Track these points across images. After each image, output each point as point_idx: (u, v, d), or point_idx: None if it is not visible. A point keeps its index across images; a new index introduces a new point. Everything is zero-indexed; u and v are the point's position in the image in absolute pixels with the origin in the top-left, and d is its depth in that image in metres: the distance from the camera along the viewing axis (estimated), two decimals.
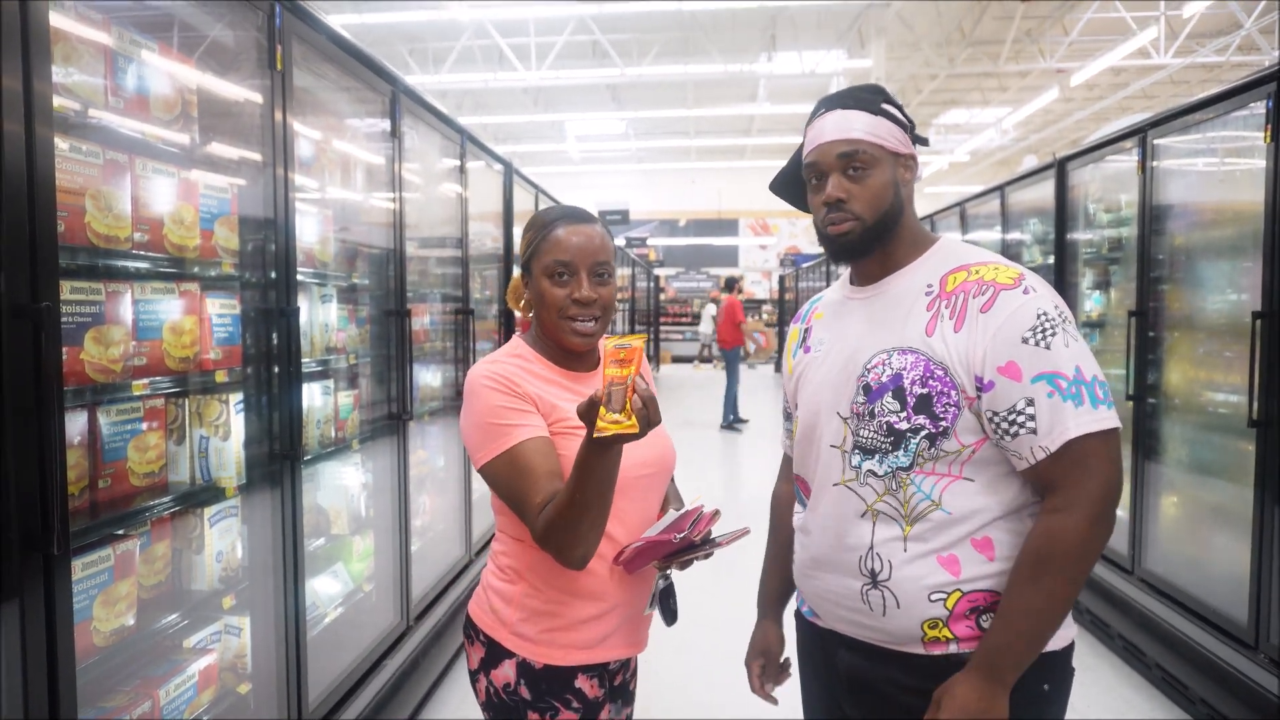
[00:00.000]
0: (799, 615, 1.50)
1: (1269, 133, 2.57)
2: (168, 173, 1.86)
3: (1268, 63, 2.67)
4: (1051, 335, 1.19)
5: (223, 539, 2.04)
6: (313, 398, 2.50)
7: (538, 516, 1.26)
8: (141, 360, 1.80)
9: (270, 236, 2.10)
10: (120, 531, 1.73)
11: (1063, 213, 4.27)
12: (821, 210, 1.32)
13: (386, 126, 2.90)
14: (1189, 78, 13.96)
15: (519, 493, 1.29)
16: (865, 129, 1.28)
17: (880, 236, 1.31)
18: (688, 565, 1.42)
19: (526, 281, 1.47)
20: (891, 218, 1.30)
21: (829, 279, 11.59)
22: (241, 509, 2.11)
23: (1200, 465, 3.23)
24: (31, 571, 1.27)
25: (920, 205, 2.30)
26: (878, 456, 1.27)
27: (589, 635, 1.40)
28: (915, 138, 1.36)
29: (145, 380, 1.79)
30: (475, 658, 1.44)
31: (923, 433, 1.23)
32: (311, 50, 2.30)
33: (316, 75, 2.51)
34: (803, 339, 1.49)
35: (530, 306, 1.47)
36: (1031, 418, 1.17)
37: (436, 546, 3.54)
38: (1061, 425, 1.16)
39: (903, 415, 1.24)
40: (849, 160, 1.28)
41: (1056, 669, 1.26)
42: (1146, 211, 3.41)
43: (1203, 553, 3.12)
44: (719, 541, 1.39)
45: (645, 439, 1.16)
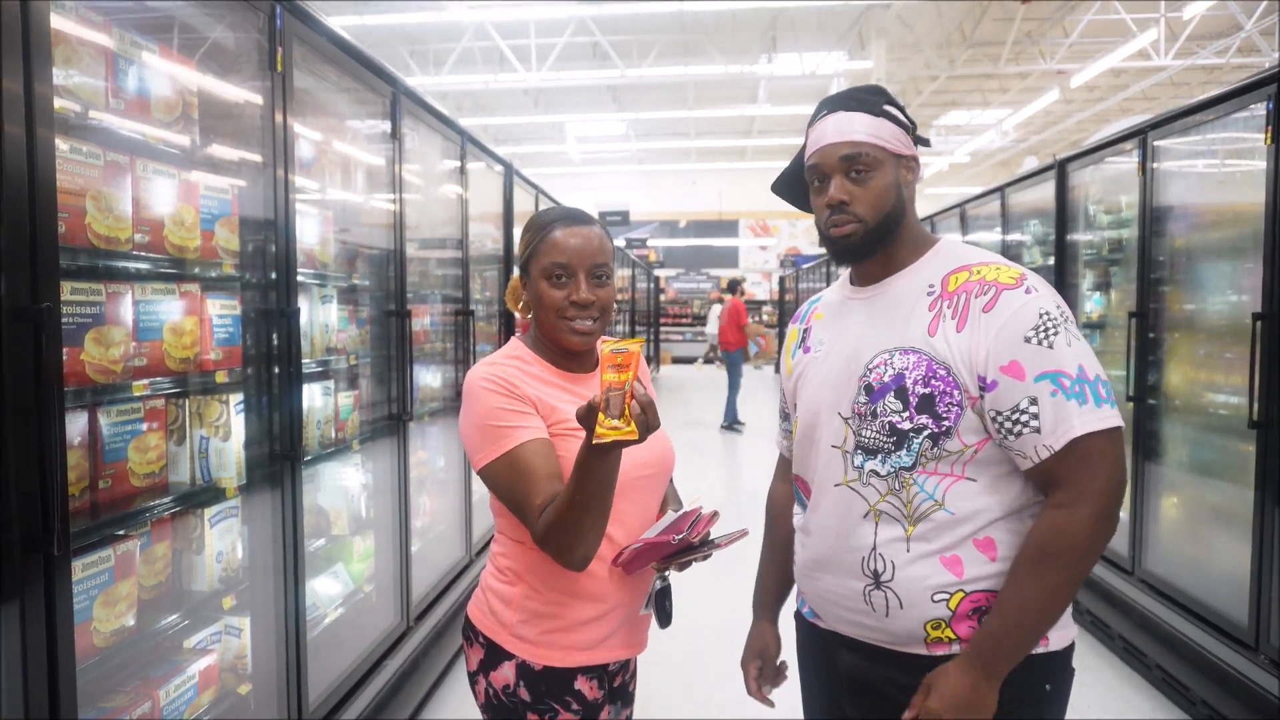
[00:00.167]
0: (799, 616, 1.50)
1: (1269, 134, 2.57)
2: (168, 174, 1.86)
3: (1268, 64, 2.67)
4: (1054, 334, 1.19)
5: (223, 539, 2.05)
6: (313, 398, 2.50)
7: (538, 518, 1.26)
8: (142, 361, 1.80)
9: (271, 237, 2.10)
10: (120, 532, 1.73)
11: (1063, 214, 4.27)
12: (824, 212, 1.32)
13: (387, 128, 2.90)
14: (1189, 79, 13.97)
15: (519, 494, 1.29)
16: (867, 131, 1.28)
17: (882, 238, 1.31)
18: (686, 567, 1.42)
19: (525, 283, 1.46)
20: (894, 219, 1.31)
21: (829, 280, 11.58)
22: (242, 509, 2.11)
23: (1200, 466, 3.23)
24: (32, 572, 1.27)
25: (920, 206, 2.30)
26: (880, 457, 1.27)
27: (589, 637, 1.39)
28: (917, 139, 1.36)
29: (146, 381, 1.79)
30: (474, 660, 1.44)
31: (925, 432, 1.23)
32: (312, 52, 2.31)
33: (317, 77, 2.51)
34: (802, 339, 1.48)
35: (529, 308, 1.47)
36: (1035, 416, 1.17)
37: (437, 547, 3.54)
38: (1066, 424, 1.16)
39: (905, 415, 1.24)
40: (851, 162, 1.28)
41: (1057, 669, 1.26)
42: (1147, 213, 3.41)
43: (1203, 554, 3.12)
44: (718, 543, 1.38)
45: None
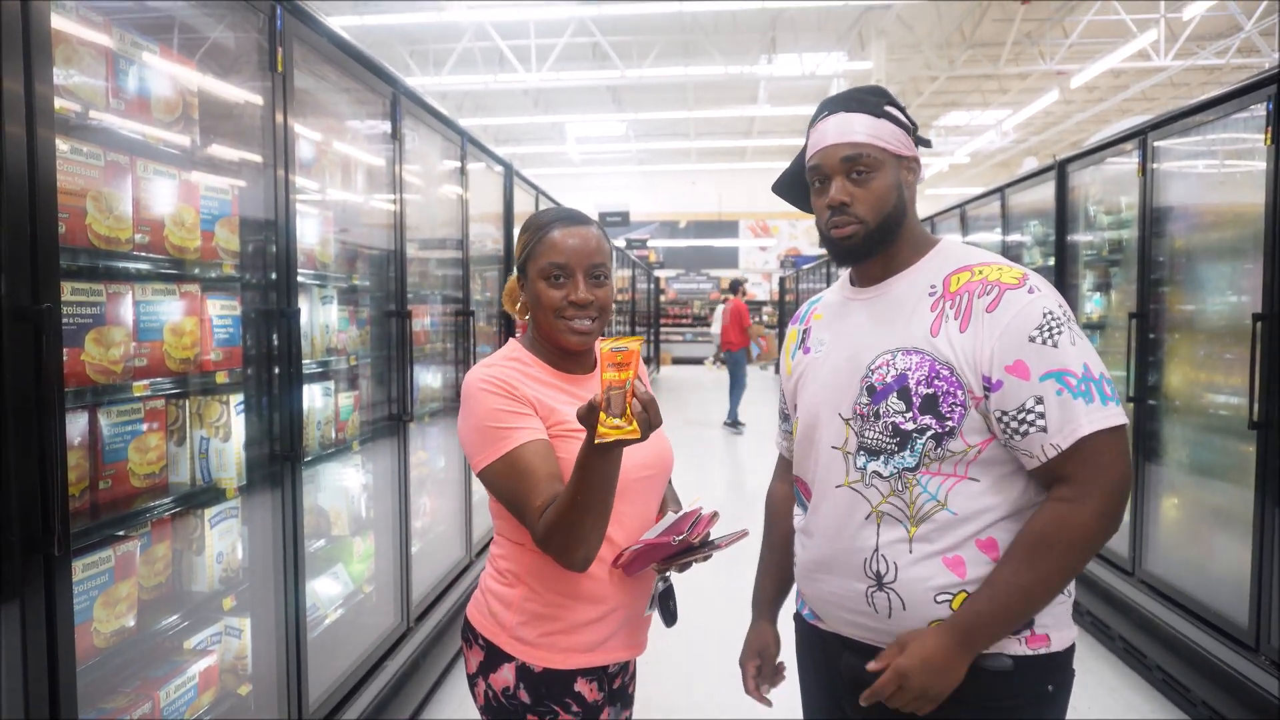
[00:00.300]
0: (798, 618, 1.49)
1: (1269, 135, 2.57)
2: (169, 174, 1.86)
3: (1268, 65, 2.68)
4: (1058, 334, 1.19)
5: (223, 540, 2.04)
6: (313, 399, 2.50)
7: (539, 519, 1.26)
8: (142, 361, 1.80)
9: (271, 238, 2.10)
10: (121, 532, 1.73)
11: (1063, 215, 4.27)
12: (825, 213, 1.32)
13: (387, 128, 2.90)
14: (1189, 80, 13.98)
15: (519, 496, 1.29)
16: (868, 132, 1.28)
17: (884, 239, 1.31)
18: (686, 568, 1.42)
19: (522, 284, 1.46)
20: (895, 220, 1.30)
21: (829, 280, 11.58)
22: (242, 510, 2.11)
23: (1201, 467, 3.23)
24: (32, 572, 1.27)
25: (920, 207, 2.30)
26: (883, 458, 1.27)
27: (589, 638, 1.39)
28: (918, 140, 1.36)
29: (146, 381, 1.79)
30: (474, 662, 1.43)
31: (929, 433, 1.23)
32: (312, 52, 2.30)
33: (317, 77, 2.51)
34: (801, 340, 1.48)
35: (526, 310, 1.47)
36: (1041, 416, 1.17)
37: (437, 548, 3.54)
38: (1073, 423, 1.16)
39: (908, 416, 1.24)
40: (852, 164, 1.28)
41: (1058, 670, 1.26)
42: (1147, 213, 3.41)
43: (1203, 554, 3.12)
44: (718, 544, 1.38)
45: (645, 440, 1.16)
